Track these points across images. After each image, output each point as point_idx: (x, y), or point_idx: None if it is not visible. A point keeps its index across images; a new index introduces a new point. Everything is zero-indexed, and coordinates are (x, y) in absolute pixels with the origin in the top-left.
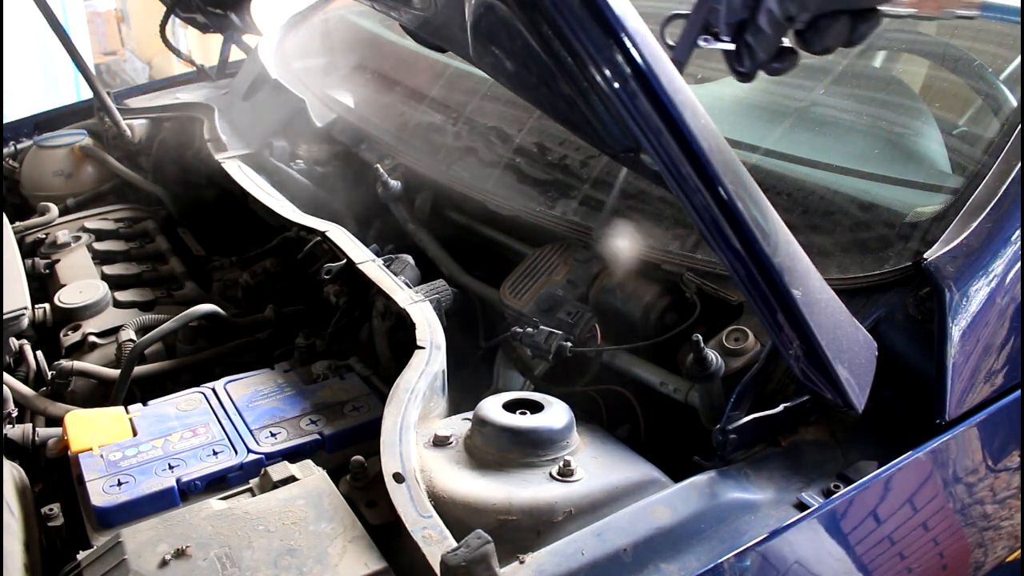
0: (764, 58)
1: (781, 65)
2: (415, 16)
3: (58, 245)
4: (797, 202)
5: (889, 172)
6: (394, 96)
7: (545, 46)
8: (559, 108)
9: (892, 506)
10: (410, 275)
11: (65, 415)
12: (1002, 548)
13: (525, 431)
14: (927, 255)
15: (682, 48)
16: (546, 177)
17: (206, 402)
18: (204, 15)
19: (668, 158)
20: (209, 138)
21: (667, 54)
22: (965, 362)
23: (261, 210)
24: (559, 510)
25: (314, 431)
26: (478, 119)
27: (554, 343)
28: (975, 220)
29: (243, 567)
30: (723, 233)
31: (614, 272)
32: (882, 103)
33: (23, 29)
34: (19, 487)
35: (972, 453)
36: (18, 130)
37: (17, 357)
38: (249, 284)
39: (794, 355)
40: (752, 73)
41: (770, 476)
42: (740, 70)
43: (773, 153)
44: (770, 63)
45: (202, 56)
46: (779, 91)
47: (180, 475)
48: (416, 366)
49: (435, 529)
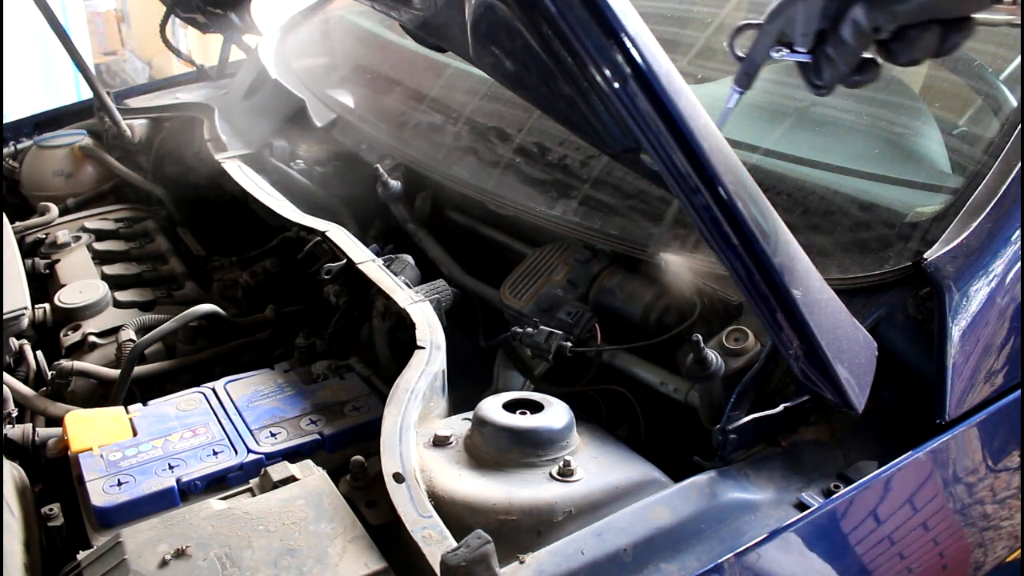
0: (845, 70)
1: (862, 78)
2: (415, 16)
3: (58, 245)
4: (797, 202)
5: (889, 172)
6: (394, 96)
7: (545, 46)
8: (559, 108)
9: (892, 506)
10: (410, 275)
11: (65, 415)
12: (1002, 548)
13: (525, 431)
14: (927, 255)
15: (752, 60)
16: (546, 177)
17: (206, 402)
18: (204, 15)
19: (668, 158)
20: (209, 138)
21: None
22: (965, 362)
23: (261, 210)
24: (559, 510)
25: (314, 431)
26: (478, 119)
27: (554, 343)
28: (975, 220)
29: (243, 567)
30: (723, 233)
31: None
32: (882, 103)
33: (23, 29)
34: (19, 487)
35: (972, 453)
36: (18, 130)
37: (17, 357)
38: (249, 284)
39: (794, 355)
40: (831, 87)
41: (770, 476)
42: (817, 83)
43: (773, 153)
44: (850, 76)
45: (202, 56)
46: (779, 91)
47: (180, 475)
48: (416, 366)
49: (435, 529)
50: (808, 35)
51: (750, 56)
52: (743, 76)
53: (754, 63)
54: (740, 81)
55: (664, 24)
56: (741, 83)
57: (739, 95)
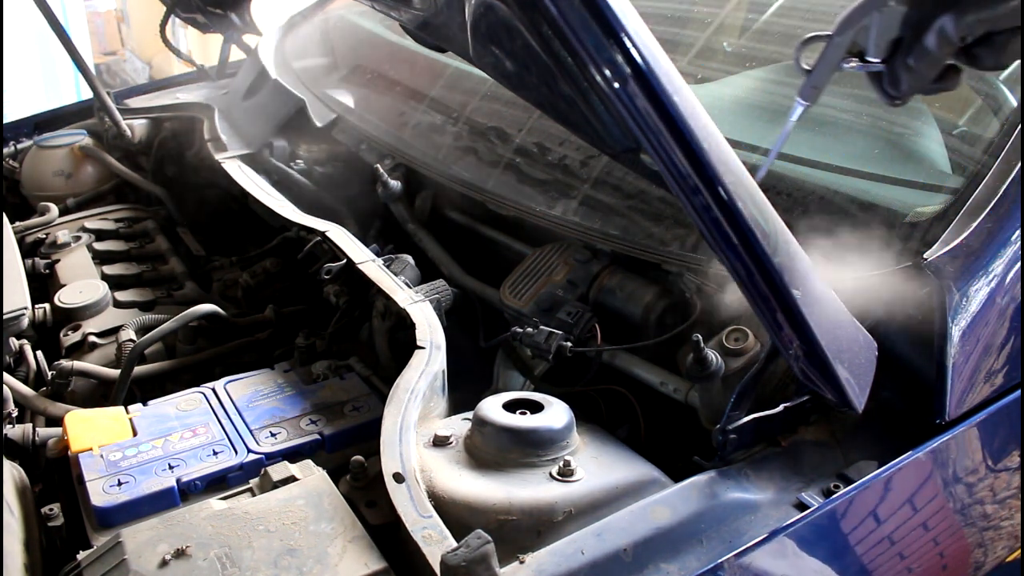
0: (927, 79)
1: (943, 85)
2: (415, 16)
3: (58, 245)
4: (797, 202)
5: (889, 172)
6: (394, 96)
7: (545, 46)
8: (559, 108)
9: (892, 506)
10: (410, 275)
11: (65, 415)
12: (1002, 548)
13: (525, 431)
14: (927, 255)
15: (821, 72)
16: (546, 177)
17: (206, 402)
18: (204, 15)
19: (668, 158)
20: (209, 138)
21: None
22: (965, 362)
23: (261, 210)
24: (559, 510)
25: (314, 431)
26: (478, 119)
27: (554, 343)
28: (975, 220)
29: (243, 567)
30: (723, 233)
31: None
32: (882, 103)
33: (23, 29)
34: (19, 487)
35: (972, 453)
36: (18, 130)
37: (17, 357)
38: (249, 284)
39: (794, 355)
40: (908, 97)
41: (770, 476)
42: (893, 94)
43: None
44: (931, 84)
45: (202, 56)
46: (779, 91)
47: (180, 475)
48: (416, 366)
49: (435, 529)
50: (884, 44)
51: (818, 68)
52: (811, 89)
53: (823, 75)
54: (807, 95)
55: (664, 24)
56: (808, 96)
57: (803, 109)
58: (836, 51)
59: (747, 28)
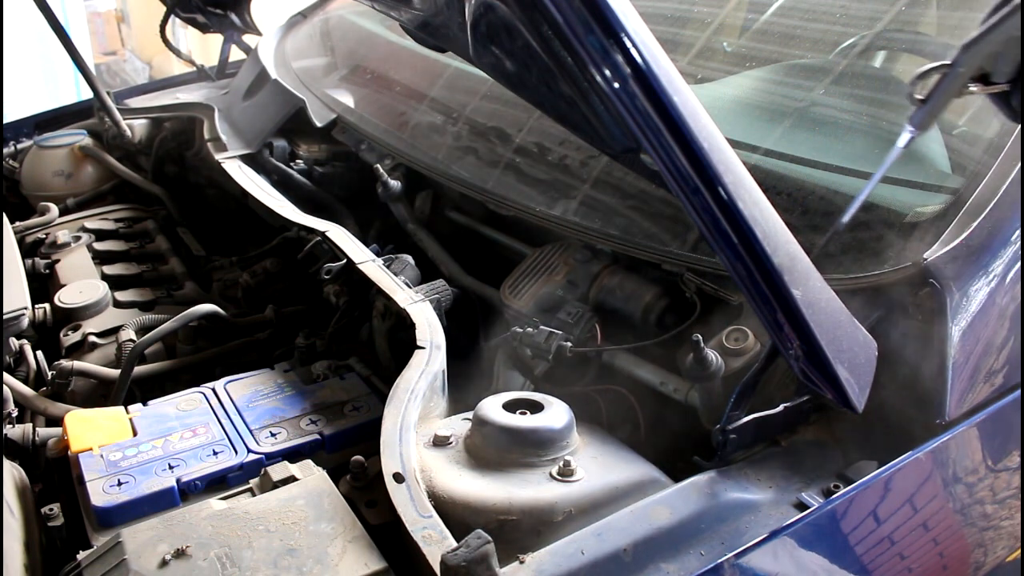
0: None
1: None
2: (415, 16)
3: (58, 245)
4: (797, 202)
5: (889, 172)
6: (394, 96)
7: (545, 46)
8: (559, 108)
9: (892, 506)
10: (410, 275)
11: (65, 415)
12: (1002, 548)
13: (525, 431)
14: (927, 255)
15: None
16: (546, 177)
17: (206, 402)
18: (204, 15)
19: (668, 158)
20: (209, 138)
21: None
22: (965, 362)
23: (261, 210)
24: (559, 510)
25: (314, 431)
26: (478, 119)
27: (554, 343)
28: (975, 220)
29: (243, 567)
30: (723, 233)
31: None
32: (882, 103)
33: (23, 29)
34: (19, 487)
35: (972, 453)
36: (18, 130)
37: (17, 357)
38: (249, 284)
39: (794, 355)
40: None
41: (770, 476)
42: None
43: (773, 153)
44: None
45: (202, 56)
46: (779, 91)
47: (180, 475)
48: (416, 366)
49: (435, 529)
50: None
51: (936, 97)
52: (927, 118)
53: (941, 104)
54: (922, 123)
55: (664, 24)
56: (923, 125)
57: (913, 137)
58: (958, 79)
59: (747, 28)
